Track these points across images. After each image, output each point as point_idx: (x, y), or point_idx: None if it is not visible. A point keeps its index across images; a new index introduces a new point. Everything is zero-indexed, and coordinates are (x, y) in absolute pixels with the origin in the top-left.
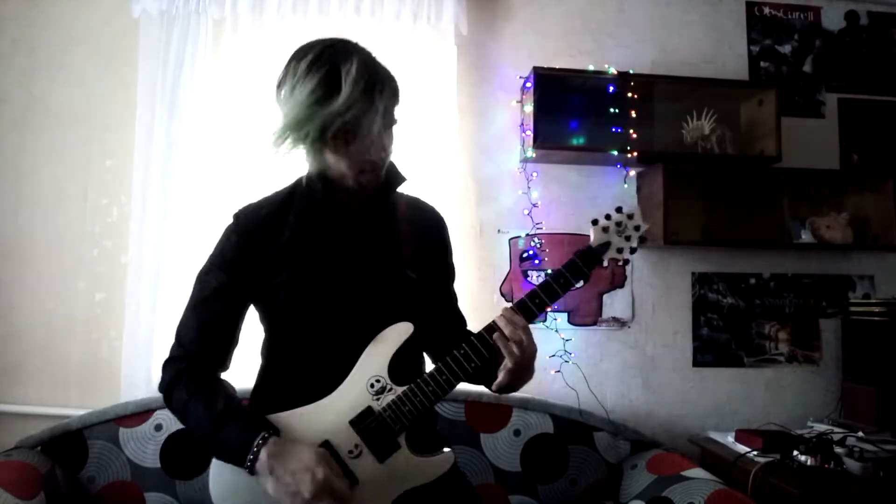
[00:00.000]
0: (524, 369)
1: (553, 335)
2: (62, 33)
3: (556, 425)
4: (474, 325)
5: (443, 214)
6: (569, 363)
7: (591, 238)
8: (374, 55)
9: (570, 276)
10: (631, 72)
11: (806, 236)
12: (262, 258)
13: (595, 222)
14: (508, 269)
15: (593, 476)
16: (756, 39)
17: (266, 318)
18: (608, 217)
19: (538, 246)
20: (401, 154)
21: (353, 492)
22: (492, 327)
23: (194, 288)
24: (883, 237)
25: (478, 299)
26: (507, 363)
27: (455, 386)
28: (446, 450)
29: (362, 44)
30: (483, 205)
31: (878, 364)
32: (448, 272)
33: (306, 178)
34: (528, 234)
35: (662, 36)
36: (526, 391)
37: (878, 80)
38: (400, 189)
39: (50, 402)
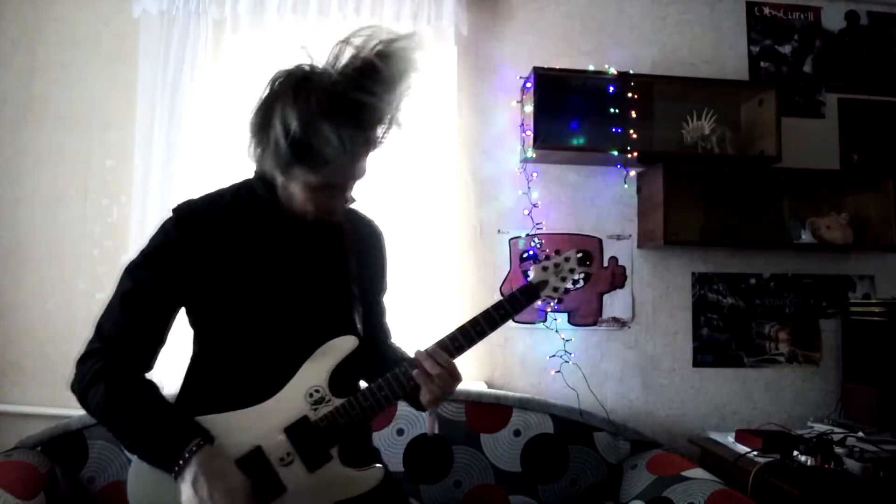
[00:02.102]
0: (445, 398)
1: (553, 335)
2: (62, 33)
3: (556, 425)
4: None
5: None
6: (569, 363)
7: (531, 276)
8: (383, 72)
9: (510, 307)
10: (631, 72)
11: (806, 236)
12: (202, 257)
13: (536, 261)
14: (508, 269)
15: (593, 476)
16: (756, 39)
17: (198, 320)
18: (548, 258)
19: (538, 246)
20: (401, 154)
21: (279, 500)
22: (413, 363)
23: (122, 280)
24: (883, 237)
25: (478, 299)
26: (424, 396)
27: (392, 403)
28: (377, 465)
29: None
30: (483, 205)
31: (878, 364)
32: (384, 288)
33: (254, 180)
34: (528, 235)
35: (662, 36)
36: (526, 391)
37: (878, 80)
38: None
39: (50, 402)
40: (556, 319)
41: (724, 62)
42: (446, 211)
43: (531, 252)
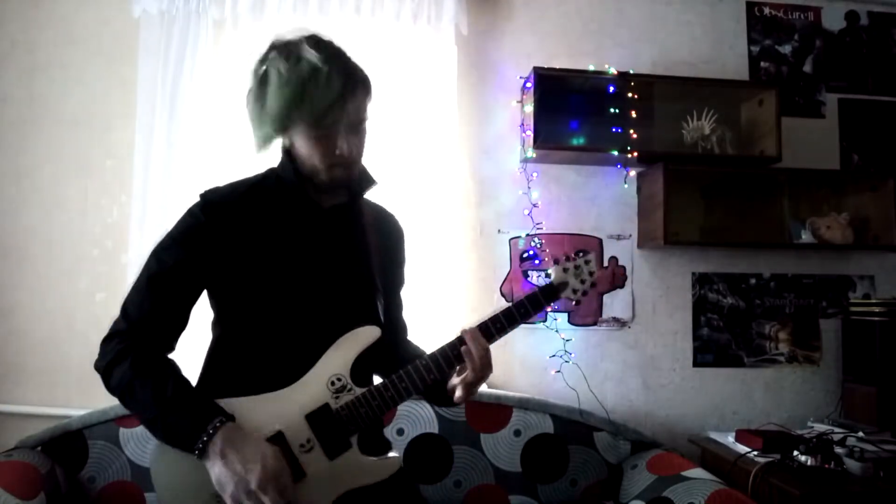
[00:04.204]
0: (478, 384)
1: (553, 335)
2: (62, 33)
3: (556, 425)
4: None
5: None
6: (569, 363)
7: (552, 276)
8: (346, 51)
9: (530, 307)
10: (631, 72)
11: (806, 236)
12: (228, 241)
13: (556, 262)
14: (509, 269)
15: (593, 476)
16: (756, 39)
17: (222, 304)
18: (568, 259)
19: (538, 246)
20: (401, 154)
21: (298, 485)
22: (457, 343)
23: (149, 263)
24: (883, 237)
25: (478, 299)
26: (468, 377)
27: (412, 395)
28: (393, 454)
29: (336, 39)
30: (483, 205)
31: (878, 364)
32: (402, 282)
33: (279, 168)
34: (528, 235)
35: (662, 36)
36: (526, 391)
37: (878, 80)
38: (368, 195)
39: (50, 402)
40: (556, 319)
41: (724, 62)
42: (446, 211)
43: (531, 252)
